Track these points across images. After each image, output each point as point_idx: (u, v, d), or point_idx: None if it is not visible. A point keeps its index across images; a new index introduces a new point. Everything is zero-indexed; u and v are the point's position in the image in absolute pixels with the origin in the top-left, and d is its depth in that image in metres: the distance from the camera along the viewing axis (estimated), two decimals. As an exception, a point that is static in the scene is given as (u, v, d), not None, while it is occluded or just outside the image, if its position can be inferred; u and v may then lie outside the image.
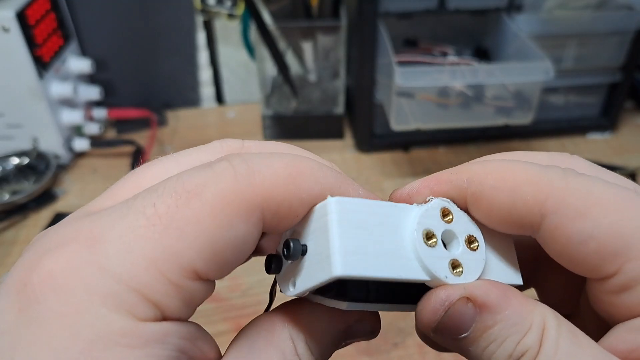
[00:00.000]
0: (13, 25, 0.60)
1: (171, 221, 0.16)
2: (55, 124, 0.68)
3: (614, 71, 0.71)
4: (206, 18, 0.77)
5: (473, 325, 0.18)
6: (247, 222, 0.16)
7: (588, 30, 0.66)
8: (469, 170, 0.19)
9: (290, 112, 0.75)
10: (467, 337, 0.18)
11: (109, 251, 0.15)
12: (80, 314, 0.15)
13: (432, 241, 0.18)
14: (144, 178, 0.20)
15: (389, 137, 0.72)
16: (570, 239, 0.18)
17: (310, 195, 0.18)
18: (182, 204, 0.16)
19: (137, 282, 0.15)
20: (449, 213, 0.19)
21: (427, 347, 0.51)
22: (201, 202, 0.16)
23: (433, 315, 0.19)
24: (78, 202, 0.66)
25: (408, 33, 0.70)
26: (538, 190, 0.18)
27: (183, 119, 0.81)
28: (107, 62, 0.78)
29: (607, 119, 0.75)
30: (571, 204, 0.17)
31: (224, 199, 0.16)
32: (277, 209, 0.17)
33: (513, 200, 0.18)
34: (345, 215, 0.17)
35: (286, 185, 0.17)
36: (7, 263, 0.57)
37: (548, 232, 0.18)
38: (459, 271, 0.19)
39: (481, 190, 0.19)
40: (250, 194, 0.16)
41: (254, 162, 0.17)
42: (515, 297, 0.18)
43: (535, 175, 0.18)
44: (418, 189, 0.20)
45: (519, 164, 0.19)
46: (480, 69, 0.61)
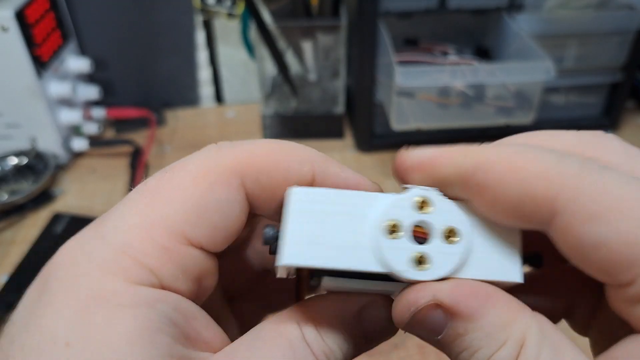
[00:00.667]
0: (12, 24, 0.60)
1: (158, 190, 0.18)
2: (54, 124, 0.67)
3: (615, 71, 0.71)
4: (206, 17, 0.77)
5: (444, 330, 0.17)
6: (228, 186, 0.18)
7: (589, 30, 0.66)
8: (479, 154, 0.17)
9: (290, 112, 0.75)
10: (440, 340, 0.17)
11: (108, 225, 0.17)
12: (79, 278, 0.16)
13: (396, 232, 0.17)
14: None
15: (389, 137, 0.72)
16: (581, 242, 0.16)
17: (290, 169, 0.18)
18: (169, 176, 0.18)
19: (130, 248, 0.17)
20: (428, 204, 0.18)
21: (427, 348, 0.50)
22: (185, 171, 0.18)
23: (400, 317, 0.18)
24: (76, 202, 0.66)
25: (408, 32, 0.70)
26: (549, 187, 0.16)
27: (182, 119, 0.81)
28: (106, 62, 0.78)
29: (608, 119, 0.75)
30: (584, 205, 0.16)
31: (205, 167, 0.18)
32: (257, 176, 0.18)
33: (520, 195, 0.16)
34: (305, 205, 0.18)
35: (265, 155, 0.18)
36: (5, 263, 0.57)
37: (558, 231, 0.16)
38: (426, 266, 0.17)
39: (486, 180, 0.17)
40: (229, 161, 0.18)
41: (241, 142, 0.19)
42: (493, 305, 0.17)
43: (548, 169, 0.16)
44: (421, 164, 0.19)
45: (533, 153, 0.17)
46: (480, 69, 0.61)
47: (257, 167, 0.18)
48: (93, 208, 0.64)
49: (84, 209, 0.64)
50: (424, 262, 0.17)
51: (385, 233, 0.17)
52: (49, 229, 0.60)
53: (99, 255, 0.17)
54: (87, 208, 0.64)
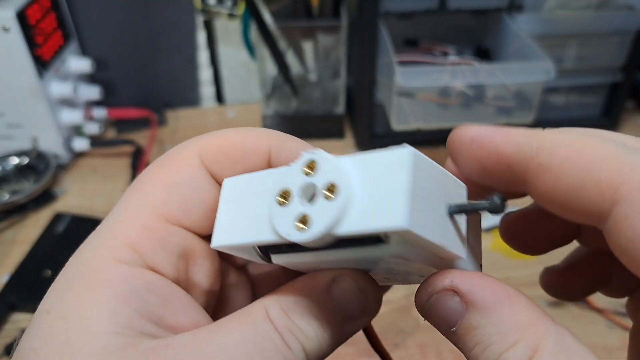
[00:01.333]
0: (13, 24, 0.60)
1: (139, 184, 0.20)
2: (55, 124, 0.67)
3: (615, 71, 0.71)
4: (206, 18, 0.77)
5: (459, 321, 0.17)
6: (189, 166, 0.20)
7: (589, 30, 0.66)
8: (542, 137, 0.17)
9: (290, 112, 0.75)
10: (455, 332, 0.17)
11: (105, 219, 0.20)
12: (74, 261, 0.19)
13: (286, 200, 0.17)
14: None
15: (390, 137, 0.72)
16: (637, 235, 0.15)
17: (246, 147, 0.21)
18: (145, 171, 0.21)
19: (117, 231, 0.19)
20: (314, 165, 0.17)
21: (428, 348, 0.50)
22: (157, 164, 0.21)
23: (420, 302, 0.18)
24: (78, 202, 0.66)
25: (409, 33, 0.70)
26: (614, 171, 0.15)
27: (183, 119, 0.81)
28: (107, 62, 0.78)
29: (608, 119, 0.75)
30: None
31: (170, 156, 0.21)
32: (215, 155, 0.21)
33: (583, 179, 0.15)
34: (231, 192, 0.20)
35: (222, 136, 0.21)
36: (7, 263, 0.57)
37: (617, 222, 0.15)
38: (302, 227, 0.16)
39: (550, 162, 0.16)
40: (188, 147, 0.21)
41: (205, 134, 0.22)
42: (511, 305, 0.16)
43: (616, 156, 0.15)
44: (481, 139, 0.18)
45: (600, 140, 0.16)
46: (481, 69, 0.61)
47: (214, 147, 0.21)
48: (94, 208, 0.64)
49: (85, 208, 0.64)
50: (306, 223, 0.17)
51: (276, 203, 0.17)
52: (50, 229, 0.60)
53: (93, 241, 0.19)
54: (88, 208, 0.64)
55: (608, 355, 0.48)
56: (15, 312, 0.52)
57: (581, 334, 0.49)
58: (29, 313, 0.52)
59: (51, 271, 0.55)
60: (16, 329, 0.51)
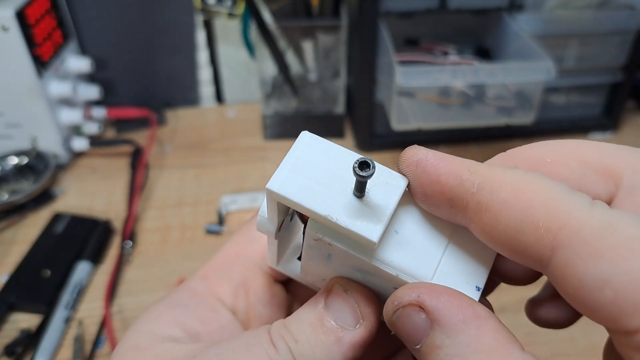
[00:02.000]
0: (12, 24, 0.60)
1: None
2: (55, 124, 0.67)
3: (616, 71, 0.71)
4: (206, 17, 0.77)
5: (424, 339, 0.16)
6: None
7: (589, 30, 0.66)
8: (486, 174, 0.17)
9: (290, 112, 0.75)
10: (420, 349, 0.17)
11: None
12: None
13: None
14: None
15: (390, 137, 0.72)
16: (584, 282, 0.14)
17: None
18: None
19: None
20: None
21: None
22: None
23: (387, 312, 0.18)
24: (77, 202, 0.66)
25: (409, 32, 0.70)
26: (552, 217, 0.15)
27: (183, 119, 0.81)
28: (106, 62, 0.78)
29: (608, 119, 0.75)
30: (587, 240, 0.14)
31: None
32: None
33: (522, 222, 0.15)
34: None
35: None
36: (6, 263, 0.57)
37: (558, 269, 0.15)
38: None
39: (489, 201, 0.16)
40: None
41: None
42: (478, 327, 0.16)
43: (556, 199, 0.15)
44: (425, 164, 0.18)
45: (542, 181, 0.16)
46: (481, 69, 0.60)
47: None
48: (93, 208, 0.64)
49: (84, 208, 0.64)
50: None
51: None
52: (49, 229, 0.60)
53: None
54: (88, 208, 0.64)
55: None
56: (14, 312, 0.52)
57: (580, 334, 0.49)
58: (28, 313, 0.52)
59: (50, 271, 0.54)
60: (15, 329, 0.50)
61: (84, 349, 0.49)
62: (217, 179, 0.69)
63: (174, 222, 0.63)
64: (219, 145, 0.75)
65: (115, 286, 0.54)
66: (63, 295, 0.52)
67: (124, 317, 0.52)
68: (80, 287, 0.54)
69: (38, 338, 0.49)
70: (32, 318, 0.52)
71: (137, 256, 0.59)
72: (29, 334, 0.50)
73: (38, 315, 0.51)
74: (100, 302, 0.53)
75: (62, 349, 0.49)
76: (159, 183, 0.68)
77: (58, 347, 0.49)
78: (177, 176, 0.69)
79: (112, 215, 0.63)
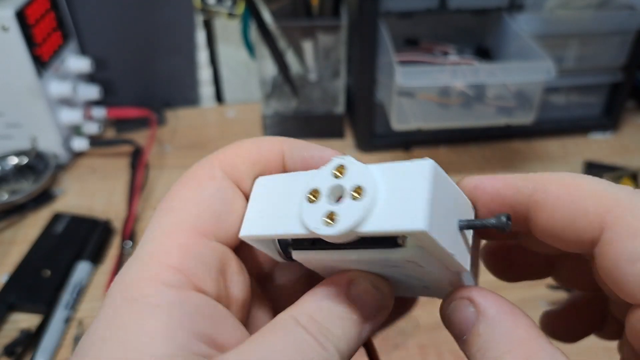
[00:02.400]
0: (12, 24, 0.60)
1: (164, 205, 0.21)
2: (54, 124, 0.67)
3: (616, 71, 0.71)
4: (206, 17, 0.77)
5: (470, 329, 0.19)
6: (212, 178, 0.21)
7: (589, 30, 0.66)
8: (537, 178, 0.19)
9: (290, 112, 0.75)
10: (466, 340, 0.19)
11: (140, 244, 0.20)
12: (119, 288, 0.19)
13: (316, 198, 0.19)
14: None
15: (390, 137, 0.72)
16: (620, 256, 0.17)
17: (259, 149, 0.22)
18: (167, 193, 0.21)
19: (158, 254, 0.19)
20: (343, 169, 0.19)
21: (428, 349, 0.50)
22: (181, 183, 0.22)
23: (443, 309, 0.20)
24: (77, 202, 0.66)
25: (409, 32, 0.70)
26: (600, 204, 0.17)
27: (183, 119, 0.81)
28: (106, 62, 0.78)
29: (608, 119, 0.75)
30: (629, 221, 0.17)
31: (193, 172, 0.22)
32: (234, 163, 0.22)
33: (574, 211, 0.18)
34: (262, 189, 0.21)
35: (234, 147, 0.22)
36: (6, 263, 0.57)
37: (602, 247, 0.17)
38: (330, 222, 0.18)
39: (545, 198, 0.19)
40: (207, 163, 0.22)
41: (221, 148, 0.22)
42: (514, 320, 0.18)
43: (601, 190, 0.18)
44: (483, 186, 0.20)
45: (588, 178, 0.19)
46: (481, 69, 0.61)
47: (232, 157, 0.22)
48: (93, 208, 0.64)
49: (84, 208, 0.64)
50: (333, 219, 0.18)
51: (307, 200, 0.19)
52: (49, 229, 0.60)
53: (135, 267, 0.19)
54: (88, 208, 0.64)
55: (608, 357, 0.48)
56: (14, 312, 0.52)
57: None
58: (28, 313, 0.52)
59: (50, 271, 0.55)
60: (15, 329, 0.50)
61: (84, 349, 0.49)
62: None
63: (174, 222, 0.63)
64: (219, 145, 0.74)
65: (115, 286, 0.54)
66: (63, 295, 0.52)
67: (124, 317, 0.52)
68: (80, 287, 0.54)
69: (38, 338, 0.49)
70: (32, 318, 0.52)
71: (137, 256, 0.59)
72: (29, 334, 0.50)
73: (38, 315, 0.51)
74: (100, 302, 0.53)
75: (62, 349, 0.49)
76: (159, 183, 0.68)
77: (58, 347, 0.49)
78: (177, 176, 0.69)
79: (112, 215, 0.63)
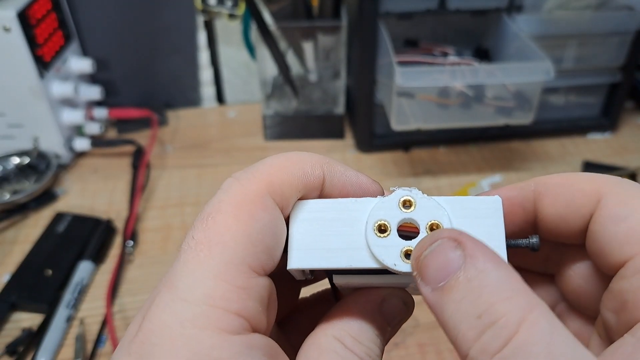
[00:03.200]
0: (14, 25, 0.60)
1: (210, 239, 0.18)
2: (56, 124, 0.68)
3: (614, 71, 0.71)
4: (207, 18, 0.77)
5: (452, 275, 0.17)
6: (265, 208, 0.19)
7: (588, 30, 0.66)
8: (535, 178, 0.22)
9: (290, 112, 0.75)
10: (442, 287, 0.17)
11: (180, 285, 0.18)
12: (176, 340, 0.17)
13: (384, 231, 0.19)
14: None
15: (390, 137, 0.72)
16: (608, 219, 0.19)
17: (305, 174, 0.20)
18: (210, 223, 0.19)
19: (213, 299, 0.17)
20: (411, 202, 0.19)
21: (427, 347, 0.51)
22: (223, 213, 0.19)
23: (419, 249, 0.18)
24: (78, 201, 0.66)
25: (408, 33, 0.70)
26: (594, 182, 0.20)
27: (184, 119, 0.81)
28: (108, 62, 0.78)
29: (607, 119, 0.75)
30: (619, 192, 0.20)
31: (238, 201, 0.19)
32: (282, 190, 0.20)
33: (573, 192, 0.20)
34: (303, 215, 0.20)
35: (280, 169, 0.20)
36: (7, 262, 0.57)
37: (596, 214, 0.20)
38: (406, 260, 0.19)
39: (546, 188, 0.21)
40: (255, 187, 0.19)
41: (251, 167, 0.20)
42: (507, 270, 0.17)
43: (594, 175, 0.21)
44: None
45: (579, 172, 0.22)
46: (480, 69, 0.61)
47: (278, 182, 0.20)
48: (95, 208, 0.65)
49: (86, 208, 0.64)
50: (409, 255, 0.19)
51: (375, 232, 0.19)
52: (51, 229, 0.60)
53: (187, 314, 0.17)
54: (89, 208, 0.65)
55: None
56: (16, 311, 0.53)
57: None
58: (30, 312, 0.52)
59: (52, 271, 0.55)
60: (17, 328, 0.51)
61: (86, 348, 0.50)
62: (218, 179, 0.69)
63: (175, 222, 0.63)
64: (220, 145, 0.76)
65: (116, 286, 0.55)
66: (64, 295, 0.53)
67: (125, 316, 0.52)
68: (81, 286, 0.54)
69: (39, 337, 0.49)
70: (34, 317, 0.52)
71: (138, 256, 0.59)
72: (31, 333, 0.50)
73: (40, 315, 0.52)
74: (102, 301, 0.53)
75: (63, 348, 0.50)
76: (160, 183, 0.69)
77: (59, 347, 0.49)
78: (178, 176, 0.70)
79: (113, 215, 0.63)
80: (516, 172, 0.69)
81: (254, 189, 0.19)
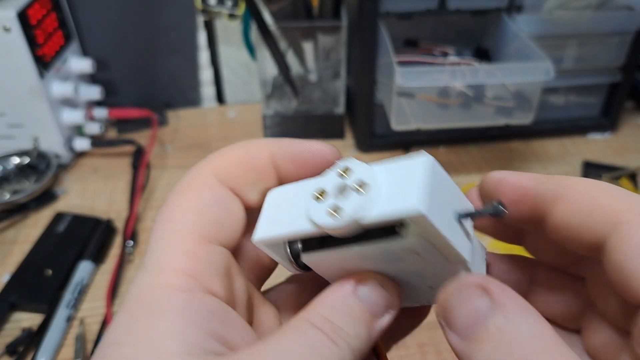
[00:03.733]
0: (14, 25, 0.60)
1: (163, 218, 0.21)
2: (56, 124, 0.68)
3: (614, 71, 0.71)
4: (207, 18, 0.77)
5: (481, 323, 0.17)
6: (210, 187, 0.22)
7: (588, 30, 0.66)
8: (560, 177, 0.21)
9: (290, 112, 0.75)
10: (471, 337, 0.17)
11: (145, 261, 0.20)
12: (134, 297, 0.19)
13: (322, 197, 0.20)
14: None
15: (390, 137, 0.72)
16: (633, 250, 0.17)
17: (250, 156, 0.22)
18: (164, 206, 0.22)
19: (168, 262, 0.20)
20: (348, 170, 0.20)
21: (427, 347, 0.51)
22: (176, 193, 0.22)
23: (444, 297, 0.18)
24: (78, 201, 0.66)
25: (409, 33, 0.70)
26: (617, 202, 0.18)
27: (184, 119, 0.81)
28: (108, 62, 0.78)
29: (607, 119, 0.75)
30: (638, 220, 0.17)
31: (186, 185, 0.22)
32: (228, 172, 0.22)
33: (592, 205, 0.19)
34: (272, 200, 0.22)
35: (225, 155, 0.23)
36: (7, 262, 0.57)
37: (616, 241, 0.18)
38: (334, 214, 0.19)
39: (566, 192, 0.20)
40: (201, 171, 0.22)
41: (210, 154, 0.23)
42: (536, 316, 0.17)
43: (619, 192, 0.19)
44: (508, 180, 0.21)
45: (604, 183, 0.20)
46: (480, 69, 0.61)
47: (224, 163, 0.22)
48: (95, 208, 0.65)
49: (86, 208, 0.64)
50: (337, 212, 0.19)
51: (314, 200, 0.20)
52: (51, 229, 0.60)
53: (145, 275, 0.20)
54: (89, 207, 0.65)
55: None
56: (16, 311, 0.53)
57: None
58: (30, 312, 0.52)
59: (52, 271, 0.55)
60: (17, 328, 0.51)
61: (86, 348, 0.50)
62: (217, 179, 0.69)
63: (175, 221, 0.63)
64: (220, 145, 0.75)
65: (116, 285, 0.55)
66: (65, 295, 0.53)
67: (126, 316, 0.52)
68: (81, 286, 0.54)
69: (39, 337, 0.49)
70: (34, 317, 0.52)
71: (138, 256, 0.59)
72: (31, 333, 0.50)
73: (40, 315, 0.52)
74: (102, 301, 0.53)
75: (63, 348, 0.50)
76: (160, 183, 0.69)
77: (59, 347, 0.50)
78: (179, 176, 0.69)
79: (113, 215, 0.63)
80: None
81: (200, 173, 0.22)
